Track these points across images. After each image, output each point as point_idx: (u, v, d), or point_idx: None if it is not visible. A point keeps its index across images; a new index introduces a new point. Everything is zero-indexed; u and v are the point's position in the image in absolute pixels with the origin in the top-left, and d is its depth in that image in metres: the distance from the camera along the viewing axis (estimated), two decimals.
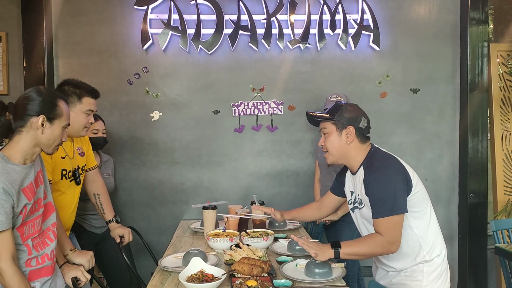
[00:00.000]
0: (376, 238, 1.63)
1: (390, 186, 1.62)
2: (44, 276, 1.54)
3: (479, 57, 3.13)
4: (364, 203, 1.72)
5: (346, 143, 1.74)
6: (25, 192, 1.45)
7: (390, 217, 1.60)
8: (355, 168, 1.77)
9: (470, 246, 3.11)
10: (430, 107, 3.18)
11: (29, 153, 1.50)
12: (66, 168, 2.05)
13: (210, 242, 2.16)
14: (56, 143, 1.56)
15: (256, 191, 3.04)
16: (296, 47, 3.07)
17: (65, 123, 1.56)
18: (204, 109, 3.10)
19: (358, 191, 1.75)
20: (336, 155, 1.77)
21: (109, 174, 2.71)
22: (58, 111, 1.52)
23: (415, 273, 1.68)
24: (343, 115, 1.74)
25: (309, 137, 3.15)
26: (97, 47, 3.02)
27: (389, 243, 1.61)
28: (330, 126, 1.76)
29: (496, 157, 3.26)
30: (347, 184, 1.89)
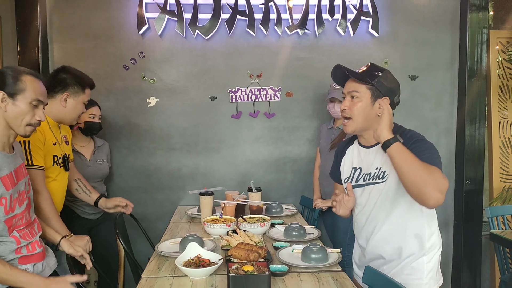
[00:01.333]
0: (436, 170, 1.38)
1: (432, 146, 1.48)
2: (35, 261, 1.55)
3: (478, 44, 3.10)
4: (388, 175, 1.54)
5: (376, 115, 1.55)
6: (3, 180, 1.42)
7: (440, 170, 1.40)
8: (374, 141, 1.58)
9: (465, 232, 3.14)
10: (428, 94, 3.17)
11: (4, 135, 1.46)
12: (57, 154, 2.06)
13: (207, 227, 2.17)
14: (25, 121, 1.47)
15: (253, 177, 3.04)
16: (294, 32, 3.04)
17: (32, 99, 1.47)
18: (201, 95, 3.08)
19: (380, 163, 1.57)
20: (360, 125, 1.58)
21: (103, 160, 2.69)
22: (20, 85, 1.44)
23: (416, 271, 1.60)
24: (383, 82, 1.54)
25: (306, 124, 3.14)
26: (93, 32, 2.97)
27: (438, 186, 1.35)
28: (365, 90, 1.54)
29: (493, 145, 3.27)
30: (348, 161, 1.73)
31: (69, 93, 2.06)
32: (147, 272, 1.69)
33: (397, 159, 1.42)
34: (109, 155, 2.84)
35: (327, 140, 2.77)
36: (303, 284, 1.55)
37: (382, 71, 1.58)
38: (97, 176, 2.62)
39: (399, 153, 1.42)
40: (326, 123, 2.91)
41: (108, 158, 2.79)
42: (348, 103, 1.59)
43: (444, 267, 3.24)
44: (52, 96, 2.06)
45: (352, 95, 1.58)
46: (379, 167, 1.59)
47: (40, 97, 1.50)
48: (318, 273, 1.65)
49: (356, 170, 1.69)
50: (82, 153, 2.58)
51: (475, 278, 3.17)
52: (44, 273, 1.58)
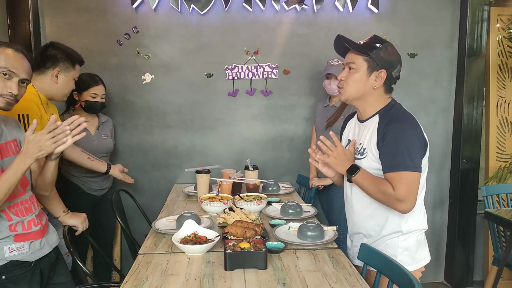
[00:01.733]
0: (386, 188, 1.49)
1: (408, 139, 1.48)
2: (32, 239, 1.54)
3: (478, 21, 3.05)
4: (367, 153, 1.58)
5: (371, 87, 1.57)
6: None
7: (403, 172, 1.46)
8: (368, 115, 1.63)
9: (460, 211, 3.17)
10: (427, 73, 3.13)
11: None
12: None
13: (204, 205, 2.16)
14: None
15: (250, 156, 3.03)
16: (292, 8, 2.97)
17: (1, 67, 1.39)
18: (196, 72, 3.02)
19: (363, 140, 1.62)
20: (353, 95, 1.60)
21: (107, 135, 2.68)
22: None
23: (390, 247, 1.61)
24: (380, 54, 1.55)
25: (304, 102, 3.11)
26: (84, 5, 2.89)
27: (398, 200, 1.47)
28: (361, 62, 1.56)
29: (491, 124, 3.26)
30: (345, 134, 1.79)
31: (60, 69, 2.03)
32: (144, 249, 1.69)
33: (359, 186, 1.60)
34: (113, 131, 2.82)
35: (322, 118, 2.74)
36: (299, 261, 1.56)
37: (382, 43, 1.59)
38: (102, 150, 2.62)
39: (357, 180, 1.58)
40: (321, 101, 2.88)
41: (112, 134, 2.78)
42: (345, 73, 1.62)
43: (438, 245, 3.31)
44: (43, 72, 2.02)
45: (349, 66, 1.61)
46: (361, 143, 1.64)
47: (12, 68, 1.42)
48: (314, 250, 1.66)
49: (349, 143, 1.72)
50: (87, 128, 2.55)
51: (469, 256, 3.22)
52: (42, 251, 1.57)
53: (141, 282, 1.38)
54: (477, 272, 3.31)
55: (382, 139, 1.53)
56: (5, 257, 1.45)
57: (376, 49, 1.56)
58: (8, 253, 1.45)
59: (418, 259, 1.65)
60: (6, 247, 1.45)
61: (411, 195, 1.49)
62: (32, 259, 1.53)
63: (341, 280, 1.40)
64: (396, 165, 1.49)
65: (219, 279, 1.40)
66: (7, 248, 1.45)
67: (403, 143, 1.48)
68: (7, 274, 1.46)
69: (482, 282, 3.23)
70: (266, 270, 1.46)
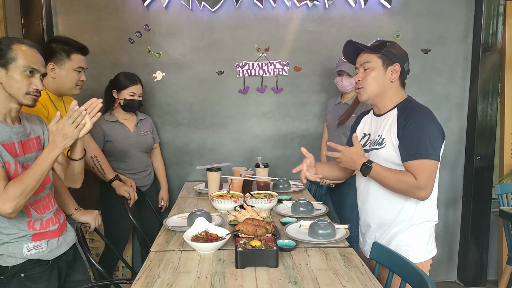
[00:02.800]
0: (407, 178, 1.53)
1: (429, 129, 1.54)
2: (50, 237, 1.56)
3: (494, 16, 2.99)
4: (386, 143, 1.63)
5: (389, 81, 1.65)
6: (4, 146, 1.41)
7: (425, 160, 1.52)
8: (387, 109, 1.69)
9: (474, 209, 3.12)
10: (441, 68, 3.09)
11: (4, 106, 1.44)
12: None
13: (215, 203, 2.17)
14: (23, 90, 1.44)
15: (261, 153, 3.03)
16: (303, 4, 2.94)
17: (24, 67, 1.42)
18: (207, 70, 3.02)
19: (382, 131, 1.67)
20: (374, 92, 1.66)
21: (146, 132, 2.73)
22: (10, 54, 1.41)
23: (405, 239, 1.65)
24: (391, 50, 1.65)
25: (314, 99, 3.09)
26: (96, 3, 2.90)
27: (419, 188, 1.53)
28: (376, 59, 1.65)
29: (506, 121, 3.20)
30: (360, 128, 1.84)
31: (54, 63, 2.00)
32: (156, 246, 1.70)
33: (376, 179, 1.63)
34: (154, 129, 2.87)
35: (334, 115, 2.72)
36: (310, 259, 1.55)
37: (389, 42, 1.69)
38: (140, 146, 2.67)
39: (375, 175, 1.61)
40: (333, 98, 2.85)
41: (153, 130, 2.83)
42: (361, 74, 1.68)
43: (451, 244, 3.27)
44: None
45: (364, 67, 1.67)
46: (380, 134, 1.68)
47: (33, 65, 1.45)
48: (326, 249, 1.65)
49: (365, 136, 1.79)
50: (126, 125, 2.64)
51: (482, 254, 3.17)
52: (60, 249, 1.59)
53: (153, 279, 1.39)
54: (491, 271, 3.26)
55: (403, 129, 1.58)
56: (23, 256, 1.47)
57: (386, 46, 1.66)
58: (26, 252, 1.47)
59: (428, 250, 1.68)
60: (24, 245, 1.47)
61: (431, 183, 1.55)
62: (50, 258, 1.55)
63: (352, 279, 1.39)
64: (418, 153, 1.53)
65: (230, 277, 1.40)
66: (25, 246, 1.47)
67: (425, 132, 1.54)
68: (25, 272, 1.48)
69: (496, 281, 3.18)
70: (277, 269, 1.46)
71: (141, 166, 2.68)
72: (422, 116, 1.58)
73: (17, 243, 1.46)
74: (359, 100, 1.81)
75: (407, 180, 1.54)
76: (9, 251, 1.45)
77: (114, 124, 2.59)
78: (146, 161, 2.74)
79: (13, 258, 1.46)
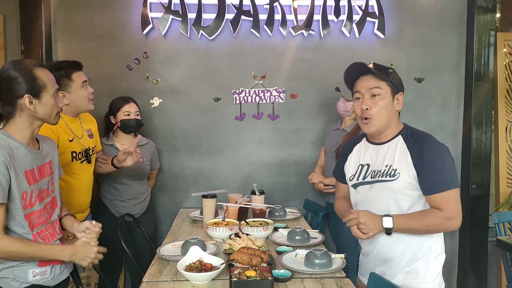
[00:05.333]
0: (434, 213, 1.48)
1: (446, 156, 1.50)
2: (54, 264, 1.55)
3: (485, 46, 3.06)
4: (400, 174, 1.53)
5: (395, 111, 1.57)
6: (27, 175, 1.44)
7: (451, 190, 1.47)
8: (388, 137, 1.60)
9: (471, 238, 3.10)
10: (434, 97, 3.13)
11: (29, 130, 1.49)
12: (76, 150, 2.08)
13: (209, 231, 2.14)
14: (55, 112, 1.52)
15: (257, 180, 3.02)
16: (299, 33, 3.01)
17: (53, 90, 1.49)
18: (204, 96, 3.05)
19: (390, 161, 1.56)
20: (383, 123, 1.55)
21: (143, 159, 2.68)
22: (40, 83, 1.45)
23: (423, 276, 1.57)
24: (395, 78, 1.56)
25: (311, 126, 3.11)
26: (97, 31, 2.96)
27: (449, 220, 1.48)
28: (386, 87, 1.53)
29: (500, 149, 3.23)
30: (354, 158, 1.71)
31: (62, 90, 2.03)
32: (148, 276, 1.67)
33: (403, 231, 1.54)
34: (154, 155, 2.84)
35: (332, 141, 2.73)
36: None
37: (390, 68, 1.61)
38: (134, 173, 2.62)
39: (400, 229, 1.52)
40: (333, 124, 2.88)
41: (152, 157, 2.79)
42: (369, 102, 1.55)
43: (449, 274, 3.23)
44: None
45: (373, 93, 1.55)
46: (389, 165, 1.57)
47: (56, 85, 1.53)
48: (322, 279, 1.62)
49: (363, 167, 1.66)
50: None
51: (481, 286, 3.12)
52: (61, 276, 1.59)
53: None
54: None
55: (420, 159, 1.50)
56: (28, 281, 1.47)
57: (391, 73, 1.57)
58: (31, 277, 1.47)
59: (440, 283, 1.61)
60: (30, 270, 1.47)
61: (460, 210, 1.50)
62: (52, 284, 1.55)
63: None
64: (444, 184, 1.48)
65: None
66: (31, 271, 1.47)
67: (445, 161, 1.50)
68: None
69: None
70: None
71: (132, 194, 2.62)
72: (435, 144, 1.53)
73: (23, 267, 1.46)
74: (365, 131, 1.64)
75: (436, 219, 1.48)
76: (15, 275, 1.44)
77: (109, 148, 2.58)
78: (138, 188, 2.67)
79: (17, 282, 1.45)
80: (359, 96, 1.59)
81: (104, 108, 2.70)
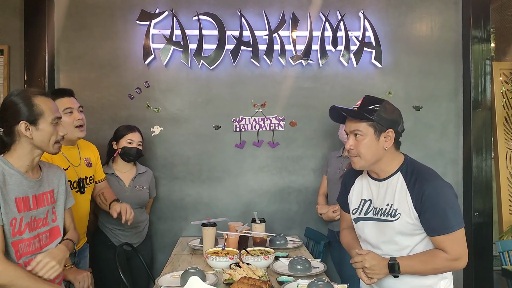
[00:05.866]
0: (440, 256, 1.47)
1: (449, 197, 1.48)
2: None
3: (481, 75, 3.11)
4: (400, 215, 1.52)
5: (383, 148, 1.53)
6: (17, 201, 1.42)
7: (456, 232, 1.46)
8: (387, 174, 1.58)
9: (476, 267, 3.04)
10: (433, 125, 3.15)
11: (28, 158, 1.49)
12: (71, 178, 2.07)
13: (209, 260, 2.10)
14: (53, 140, 1.51)
15: (257, 208, 2.99)
16: (298, 63, 3.06)
17: (52, 118, 1.50)
18: (205, 124, 3.07)
19: (391, 200, 1.55)
20: (369, 161, 1.55)
21: (142, 187, 2.70)
22: (36, 110, 1.47)
23: None
24: (382, 115, 1.51)
25: (310, 154, 3.11)
26: (99, 61, 3.01)
27: (455, 260, 1.47)
28: (366, 128, 1.52)
29: (501, 176, 3.22)
30: (357, 192, 1.70)
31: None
32: None
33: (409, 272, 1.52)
34: (152, 183, 2.84)
35: (335, 168, 2.73)
36: None
37: (379, 104, 1.55)
38: (134, 202, 2.61)
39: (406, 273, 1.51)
40: (335, 151, 2.88)
41: (150, 185, 2.79)
42: (352, 141, 1.56)
43: None
44: None
45: (355, 133, 1.56)
46: (390, 204, 1.56)
47: (57, 114, 1.53)
48: None
49: (366, 202, 1.66)
50: (122, 179, 2.63)
51: None
52: None
53: None
54: None
55: (420, 201, 1.48)
56: None
57: (376, 111, 1.52)
58: None
59: None
60: None
61: (465, 250, 1.50)
62: None
63: None
64: (448, 227, 1.46)
65: None
66: None
67: (448, 203, 1.48)
68: None
69: None
70: None
71: (132, 222, 2.60)
72: (436, 182, 1.50)
73: None
74: (354, 168, 1.63)
75: (442, 261, 1.47)
76: None
77: (109, 177, 2.58)
78: (138, 217, 2.62)
79: None
80: (347, 136, 1.62)
81: (105, 136, 2.72)
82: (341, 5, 3.08)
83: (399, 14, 3.14)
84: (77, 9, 2.99)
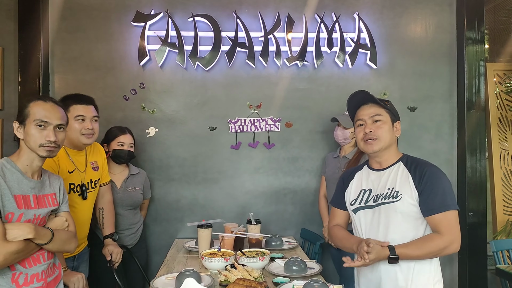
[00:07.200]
0: (436, 239, 1.54)
1: (445, 181, 1.59)
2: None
3: (475, 76, 3.13)
4: (402, 196, 1.60)
5: (395, 137, 1.72)
6: (17, 198, 1.46)
7: (451, 211, 1.55)
8: (388, 163, 1.71)
9: (470, 266, 3.06)
10: (428, 126, 3.17)
11: (27, 160, 1.54)
12: (74, 182, 2.08)
13: (205, 261, 2.10)
14: (37, 143, 1.52)
15: (253, 209, 2.99)
16: (293, 64, 3.07)
17: (35, 120, 1.52)
18: (200, 126, 3.07)
19: (392, 184, 1.64)
20: (385, 144, 1.67)
21: (134, 188, 2.68)
22: (25, 112, 1.55)
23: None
24: (393, 108, 1.73)
25: (306, 155, 3.12)
26: (94, 63, 3.00)
27: (451, 242, 1.54)
28: (386, 114, 1.70)
29: (495, 176, 3.24)
30: (356, 184, 1.78)
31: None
32: None
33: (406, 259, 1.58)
34: (146, 184, 2.83)
35: (333, 168, 2.74)
36: None
37: (385, 100, 1.75)
38: (126, 203, 2.61)
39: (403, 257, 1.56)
40: (332, 152, 2.89)
41: (144, 186, 2.77)
42: (371, 126, 1.69)
43: None
44: None
45: (375, 119, 1.69)
46: (391, 187, 1.65)
47: (44, 118, 1.54)
48: None
49: (365, 192, 1.73)
50: (113, 180, 2.61)
51: None
52: None
53: None
54: None
55: (421, 181, 1.59)
56: None
57: (388, 104, 1.72)
58: None
59: None
60: None
61: (458, 233, 1.56)
62: None
63: None
64: (445, 205, 1.55)
65: None
66: None
67: (445, 185, 1.58)
68: None
69: None
70: None
71: (125, 224, 2.60)
72: (435, 168, 1.63)
73: None
74: (367, 151, 1.72)
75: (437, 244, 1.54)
76: None
77: None
78: (131, 219, 2.64)
79: None
80: (361, 123, 1.73)
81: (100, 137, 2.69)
82: (336, 6, 3.10)
83: (394, 16, 3.16)
84: (71, 11, 2.99)
